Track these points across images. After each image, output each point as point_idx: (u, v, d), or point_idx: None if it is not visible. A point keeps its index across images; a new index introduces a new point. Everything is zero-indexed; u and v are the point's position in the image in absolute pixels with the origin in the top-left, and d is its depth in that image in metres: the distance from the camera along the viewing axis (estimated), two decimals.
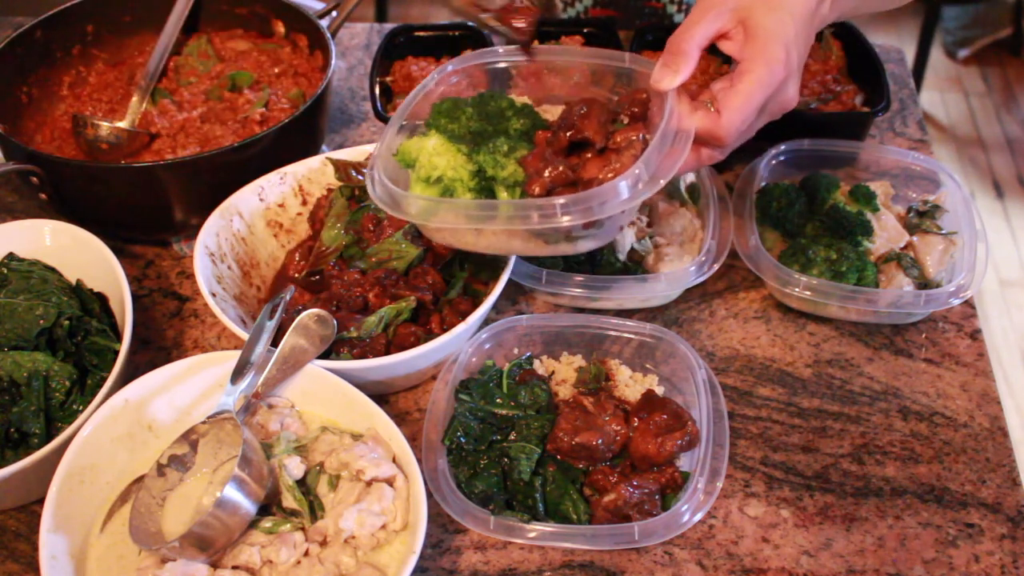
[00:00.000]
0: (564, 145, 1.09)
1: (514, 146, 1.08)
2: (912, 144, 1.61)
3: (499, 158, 1.07)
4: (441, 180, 1.09)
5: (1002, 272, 3.21)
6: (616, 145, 1.09)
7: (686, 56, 1.13)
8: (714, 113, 1.12)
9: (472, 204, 1.10)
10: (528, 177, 1.06)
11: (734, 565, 1.11)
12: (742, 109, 1.12)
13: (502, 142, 1.07)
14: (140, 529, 1.05)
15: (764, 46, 1.11)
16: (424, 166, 1.08)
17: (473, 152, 1.10)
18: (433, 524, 1.14)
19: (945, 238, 1.36)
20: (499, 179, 1.07)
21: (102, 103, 1.57)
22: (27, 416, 1.13)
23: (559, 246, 1.14)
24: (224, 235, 1.32)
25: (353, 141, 1.65)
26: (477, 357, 1.23)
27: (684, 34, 1.14)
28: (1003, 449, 1.21)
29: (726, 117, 1.12)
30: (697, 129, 1.12)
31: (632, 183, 1.04)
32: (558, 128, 1.11)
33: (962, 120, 3.76)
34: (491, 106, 1.16)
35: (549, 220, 1.05)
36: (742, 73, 1.12)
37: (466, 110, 1.15)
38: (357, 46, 1.86)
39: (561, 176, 1.04)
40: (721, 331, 1.35)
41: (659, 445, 1.13)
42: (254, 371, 1.13)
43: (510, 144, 1.07)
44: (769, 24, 1.11)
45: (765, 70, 1.11)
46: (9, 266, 1.27)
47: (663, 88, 1.13)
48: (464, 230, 1.13)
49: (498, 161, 1.07)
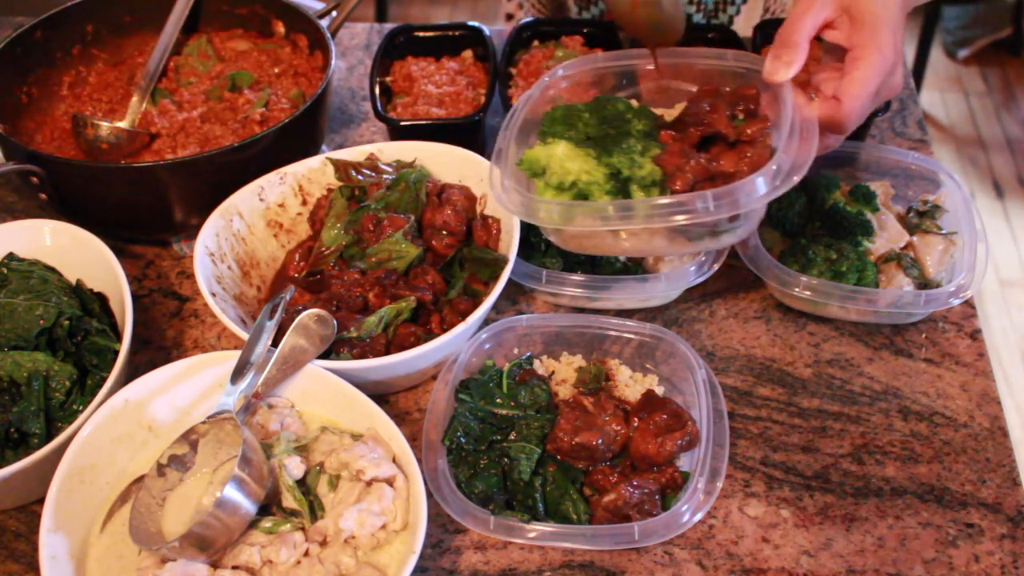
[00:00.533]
0: (695, 141, 1.09)
1: (647, 145, 1.07)
2: (912, 144, 1.61)
3: (635, 158, 1.06)
4: (575, 185, 1.08)
5: (1002, 272, 3.21)
6: (748, 137, 1.10)
7: (797, 48, 1.16)
8: (833, 101, 1.15)
9: (613, 205, 1.08)
10: (668, 175, 1.06)
11: (734, 565, 1.11)
12: (860, 95, 1.14)
13: (634, 142, 1.06)
14: (140, 529, 1.05)
15: (873, 32, 1.14)
16: (556, 172, 1.07)
17: (603, 154, 1.08)
18: (433, 524, 1.14)
19: (945, 238, 1.36)
20: (636, 179, 1.07)
21: (102, 103, 1.57)
22: (27, 416, 1.13)
23: (703, 242, 1.14)
24: (224, 235, 1.32)
25: (353, 141, 1.65)
26: (477, 357, 1.23)
27: (793, 26, 1.16)
28: (1003, 449, 1.21)
29: (847, 104, 1.14)
30: (820, 117, 1.15)
31: (774, 174, 1.06)
32: (686, 124, 1.11)
33: (962, 120, 3.76)
34: (609, 110, 1.15)
35: (698, 215, 1.05)
36: (856, 60, 1.14)
37: (582, 116, 1.15)
38: (357, 46, 1.86)
39: (702, 170, 1.04)
40: (721, 331, 1.35)
41: (659, 445, 1.13)
42: (254, 371, 1.13)
43: (643, 143, 1.07)
44: (875, 9, 1.14)
45: (878, 56, 1.13)
46: (9, 266, 1.27)
47: (778, 80, 1.16)
48: (603, 233, 1.13)
49: (635, 161, 1.06)
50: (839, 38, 1.18)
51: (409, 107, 1.55)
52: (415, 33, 1.66)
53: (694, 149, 1.11)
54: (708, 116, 1.09)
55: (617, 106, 1.15)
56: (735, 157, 1.06)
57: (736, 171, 1.07)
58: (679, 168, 1.05)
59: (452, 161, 1.38)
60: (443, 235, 1.31)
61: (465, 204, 1.34)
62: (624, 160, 1.05)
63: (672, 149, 1.07)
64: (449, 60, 1.64)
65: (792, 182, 1.07)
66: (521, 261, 1.29)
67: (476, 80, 1.61)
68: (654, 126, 1.13)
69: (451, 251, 1.31)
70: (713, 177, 1.07)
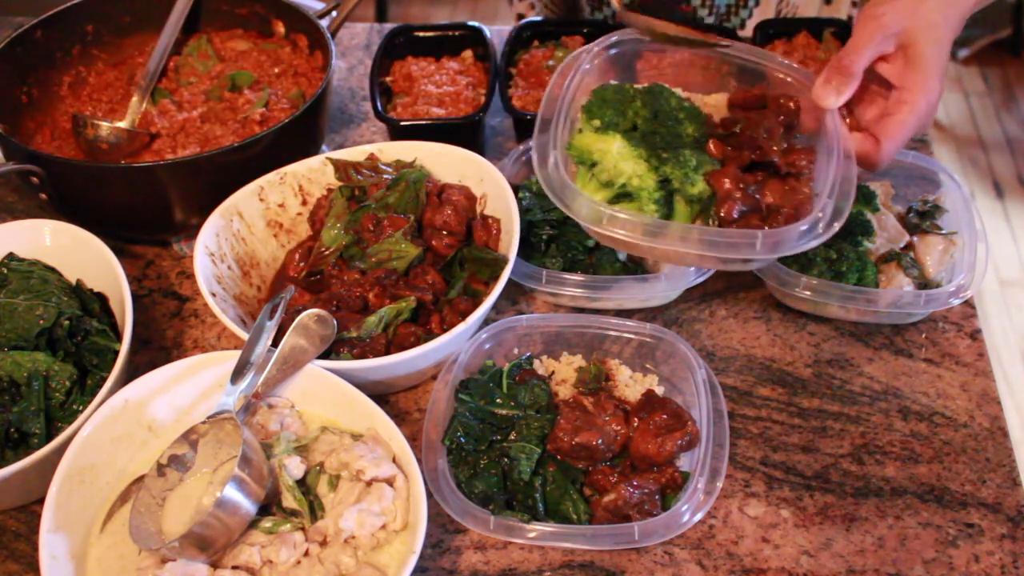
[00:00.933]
0: (746, 163, 1.09)
1: (701, 161, 1.07)
2: (912, 144, 1.61)
3: (689, 173, 1.06)
4: (624, 186, 1.07)
5: (1002, 272, 3.21)
6: (796, 169, 1.10)
7: (852, 78, 1.17)
8: (872, 139, 1.17)
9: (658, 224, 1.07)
10: (718, 198, 1.05)
11: (734, 565, 1.11)
12: (899, 139, 1.17)
13: (689, 156, 1.06)
14: (140, 529, 1.05)
15: (925, 77, 1.16)
16: (607, 170, 1.06)
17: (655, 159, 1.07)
18: (433, 524, 1.14)
19: (945, 238, 1.36)
20: (685, 193, 1.07)
21: (102, 103, 1.57)
22: (27, 416, 1.13)
23: (733, 264, 1.15)
24: (224, 235, 1.32)
25: (353, 141, 1.65)
26: (477, 357, 1.23)
27: (852, 55, 1.17)
28: (1003, 449, 1.21)
29: (885, 146, 1.16)
30: (856, 151, 1.17)
31: (818, 222, 1.06)
32: (740, 143, 1.10)
33: (962, 120, 3.76)
34: (661, 104, 1.14)
35: (743, 253, 1.06)
36: (902, 103, 1.16)
37: (634, 104, 1.13)
38: (357, 46, 1.86)
39: (750, 201, 1.05)
40: (721, 331, 1.35)
41: (659, 445, 1.13)
42: (254, 371, 1.13)
43: (698, 159, 1.06)
44: (930, 54, 1.15)
45: (924, 102, 1.16)
46: (9, 266, 1.27)
47: (827, 107, 1.17)
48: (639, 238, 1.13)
49: (688, 176, 1.06)
50: (890, 74, 1.18)
51: (409, 107, 1.55)
52: (415, 33, 1.66)
53: (744, 172, 1.11)
54: (765, 143, 1.09)
55: (669, 101, 1.14)
56: (781, 190, 1.07)
57: (781, 206, 1.07)
58: (730, 195, 1.05)
59: (452, 161, 1.38)
60: (443, 235, 1.31)
61: (465, 204, 1.34)
62: (678, 174, 1.05)
63: (726, 172, 1.07)
64: (449, 60, 1.64)
65: (833, 229, 1.09)
66: (521, 261, 1.29)
67: (476, 80, 1.61)
68: (704, 132, 1.12)
69: (451, 251, 1.31)
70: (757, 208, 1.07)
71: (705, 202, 1.08)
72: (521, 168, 1.46)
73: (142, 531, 1.05)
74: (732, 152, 1.10)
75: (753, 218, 1.06)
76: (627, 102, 1.14)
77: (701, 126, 1.13)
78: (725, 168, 1.08)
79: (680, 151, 1.06)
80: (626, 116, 1.14)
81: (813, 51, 1.60)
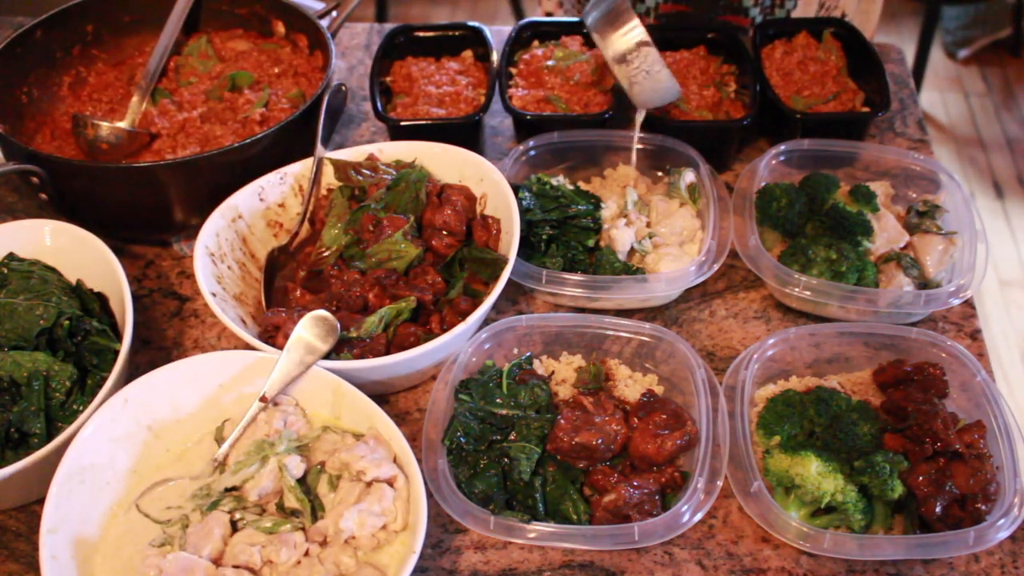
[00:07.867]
0: (929, 455, 1.12)
1: (895, 467, 1.10)
2: (912, 144, 1.61)
3: (888, 480, 1.10)
4: (830, 503, 1.11)
5: (1002, 272, 3.21)
6: (976, 451, 1.12)
7: None
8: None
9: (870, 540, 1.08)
10: (919, 497, 1.09)
11: (734, 565, 1.11)
12: None
13: (882, 463, 1.10)
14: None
15: None
16: (810, 491, 1.10)
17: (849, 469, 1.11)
18: (433, 524, 1.14)
19: (945, 238, 1.36)
20: (887, 499, 1.11)
21: (102, 103, 1.57)
22: (27, 416, 1.13)
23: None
24: (224, 235, 1.32)
25: (353, 141, 1.65)
26: (477, 357, 1.23)
27: None
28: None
29: None
30: None
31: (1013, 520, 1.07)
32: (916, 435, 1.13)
33: (962, 120, 3.76)
34: (833, 407, 1.17)
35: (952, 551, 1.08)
36: None
37: (807, 412, 1.17)
38: (357, 46, 1.86)
39: (949, 496, 1.09)
40: (721, 331, 1.35)
41: (659, 445, 1.13)
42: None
43: (891, 464, 1.10)
44: None
45: None
46: (9, 266, 1.27)
47: None
48: None
49: (887, 483, 1.10)
50: None
51: (409, 107, 1.55)
52: (415, 33, 1.66)
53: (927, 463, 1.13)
54: (944, 435, 1.12)
55: (839, 402, 1.18)
56: (967, 474, 1.10)
57: (968, 490, 1.10)
58: (932, 495, 1.09)
59: (452, 161, 1.38)
60: (443, 235, 1.31)
61: (465, 204, 1.34)
62: (877, 483, 1.10)
63: (919, 471, 1.10)
64: (449, 60, 1.64)
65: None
66: (521, 261, 1.29)
67: (476, 80, 1.61)
68: (877, 428, 1.16)
69: (451, 251, 1.31)
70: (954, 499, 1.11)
71: (906, 500, 1.12)
72: (521, 168, 1.46)
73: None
74: (911, 445, 1.14)
75: (952, 509, 1.10)
76: (798, 412, 1.19)
77: (875, 422, 1.17)
78: (917, 467, 1.12)
79: (870, 458, 1.11)
80: (801, 426, 1.18)
81: (813, 51, 1.60)
